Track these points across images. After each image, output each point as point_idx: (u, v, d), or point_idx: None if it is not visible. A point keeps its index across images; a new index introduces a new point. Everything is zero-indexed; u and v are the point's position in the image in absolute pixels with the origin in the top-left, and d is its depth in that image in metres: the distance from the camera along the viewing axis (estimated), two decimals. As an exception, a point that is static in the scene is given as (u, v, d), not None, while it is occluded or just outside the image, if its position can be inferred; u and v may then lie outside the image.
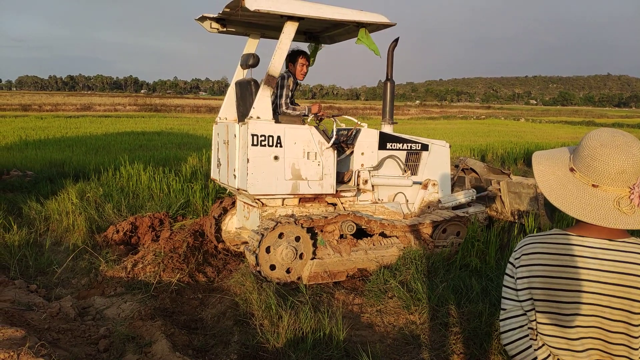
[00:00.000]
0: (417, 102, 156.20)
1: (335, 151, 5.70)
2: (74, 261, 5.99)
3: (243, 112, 5.70)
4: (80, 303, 4.91)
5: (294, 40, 5.56)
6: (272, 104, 5.52)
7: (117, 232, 6.72)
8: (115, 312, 4.77)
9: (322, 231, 5.66)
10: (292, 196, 5.60)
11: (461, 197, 6.87)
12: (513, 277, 1.72)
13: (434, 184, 6.59)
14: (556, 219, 6.85)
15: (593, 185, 1.59)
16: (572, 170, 1.65)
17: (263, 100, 5.32)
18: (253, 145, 5.23)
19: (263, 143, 5.27)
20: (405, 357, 4.14)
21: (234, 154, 5.51)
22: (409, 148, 6.52)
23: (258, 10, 4.98)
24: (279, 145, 5.36)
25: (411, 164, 6.57)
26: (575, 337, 1.61)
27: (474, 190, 7.15)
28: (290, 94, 5.94)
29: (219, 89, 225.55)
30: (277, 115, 5.62)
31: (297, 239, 5.38)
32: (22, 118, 32.25)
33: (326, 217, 5.54)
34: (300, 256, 5.42)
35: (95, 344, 4.11)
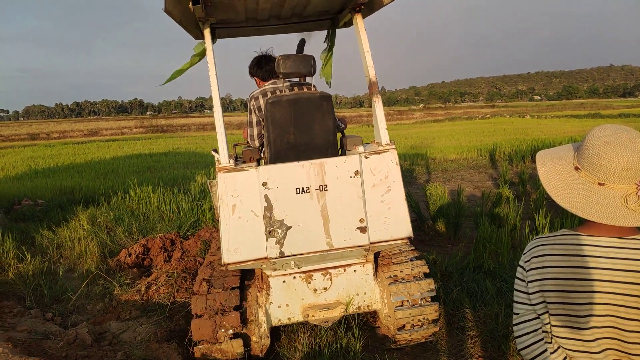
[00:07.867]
0: (421, 105, 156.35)
1: None
2: (88, 287, 6.01)
3: (302, 141, 3.97)
4: (96, 329, 4.91)
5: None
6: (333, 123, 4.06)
7: (130, 255, 6.73)
8: (131, 335, 4.77)
9: None
10: None
11: None
12: (524, 281, 1.70)
13: None
14: None
15: (599, 184, 1.57)
16: (577, 169, 1.63)
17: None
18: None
19: None
20: (424, 364, 4.12)
21: (353, 198, 3.80)
22: None
23: None
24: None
25: None
26: (591, 339, 1.58)
27: None
28: None
29: (224, 106, 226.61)
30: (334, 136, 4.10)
31: None
32: (30, 147, 32.62)
33: None
34: None
35: (113, 370, 4.12)
